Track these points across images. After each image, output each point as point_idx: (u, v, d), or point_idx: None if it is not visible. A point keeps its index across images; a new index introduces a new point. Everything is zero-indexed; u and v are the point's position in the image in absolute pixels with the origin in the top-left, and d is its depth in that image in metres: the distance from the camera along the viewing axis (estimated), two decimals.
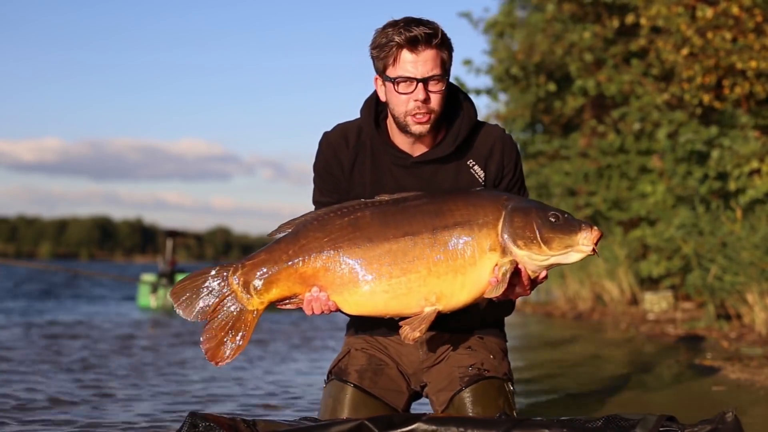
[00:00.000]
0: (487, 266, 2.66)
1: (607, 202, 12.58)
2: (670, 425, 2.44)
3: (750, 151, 8.55)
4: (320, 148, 2.97)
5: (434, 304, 2.68)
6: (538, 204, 2.72)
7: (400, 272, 2.66)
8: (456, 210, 2.69)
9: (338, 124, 3.00)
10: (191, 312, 2.72)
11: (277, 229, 2.77)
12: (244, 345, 2.73)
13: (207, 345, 2.72)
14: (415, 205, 2.72)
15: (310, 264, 2.70)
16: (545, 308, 14.53)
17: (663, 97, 10.15)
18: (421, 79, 2.74)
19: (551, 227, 2.65)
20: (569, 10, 12.50)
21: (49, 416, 4.32)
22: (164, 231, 18.79)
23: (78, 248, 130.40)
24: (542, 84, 13.19)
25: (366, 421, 2.50)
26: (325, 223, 2.72)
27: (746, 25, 8.66)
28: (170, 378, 6.00)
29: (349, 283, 2.68)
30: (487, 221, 2.67)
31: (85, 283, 29.12)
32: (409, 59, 2.74)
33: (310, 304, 2.72)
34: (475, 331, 2.99)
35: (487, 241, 2.66)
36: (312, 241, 2.70)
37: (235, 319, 2.72)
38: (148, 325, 11.92)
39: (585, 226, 2.67)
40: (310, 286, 2.71)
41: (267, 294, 2.72)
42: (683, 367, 6.25)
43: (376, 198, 2.78)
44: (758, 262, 7.76)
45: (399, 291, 2.67)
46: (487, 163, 2.92)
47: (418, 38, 2.71)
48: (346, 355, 3.01)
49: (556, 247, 2.64)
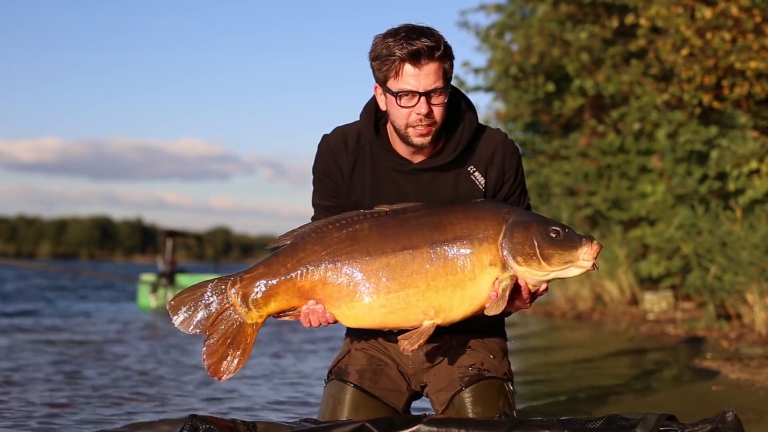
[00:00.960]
0: (486, 281, 2.65)
1: (607, 202, 12.58)
2: (671, 425, 2.44)
3: (749, 152, 8.55)
4: (319, 152, 2.95)
5: (433, 318, 2.67)
6: (538, 218, 2.71)
7: (399, 287, 2.65)
8: (456, 223, 2.68)
9: (337, 127, 2.97)
10: (189, 325, 2.70)
11: (276, 240, 2.76)
12: (246, 359, 2.72)
13: (209, 361, 2.70)
14: (414, 217, 2.70)
15: (308, 277, 2.68)
16: (545, 308, 14.53)
17: (662, 97, 10.16)
18: (423, 92, 2.71)
19: (551, 243, 2.64)
20: (567, 11, 12.50)
21: (49, 419, 4.32)
22: (164, 231, 18.78)
23: (78, 248, 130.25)
24: (540, 84, 13.19)
25: (367, 423, 2.51)
26: (323, 235, 2.71)
27: (745, 25, 8.67)
28: (170, 380, 6.00)
29: (346, 296, 2.67)
30: (487, 235, 2.66)
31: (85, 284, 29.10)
32: (411, 73, 2.70)
33: (308, 317, 2.71)
34: (475, 331, 2.98)
35: (487, 256, 2.65)
36: (310, 255, 2.69)
37: (235, 333, 2.71)
38: (147, 325, 11.91)
39: (585, 241, 2.65)
40: (308, 299, 2.70)
41: (266, 307, 2.71)
42: (683, 367, 6.25)
43: (375, 209, 2.76)
44: (758, 261, 7.76)
45: (397, 305, 2.66)
46: (488, 169, 2.90)
47: (420, 52, 2.67)
48: (346, 354, 3.01)
49: (556, 263, 2.64)
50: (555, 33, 12.48)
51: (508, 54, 13.29)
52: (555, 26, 12.52)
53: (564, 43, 12.41)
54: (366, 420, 2.54)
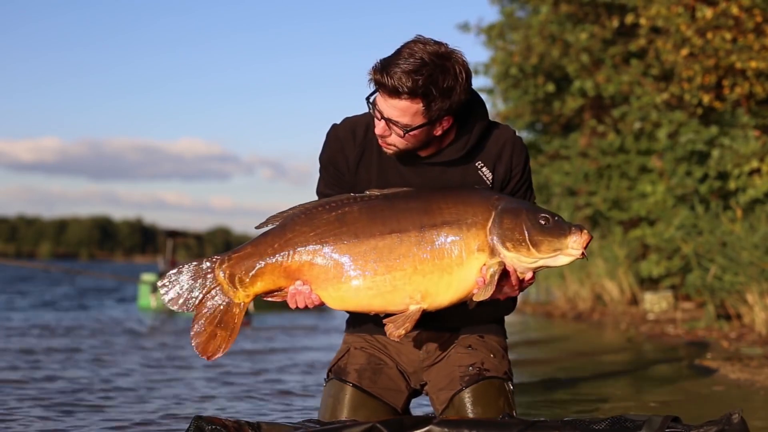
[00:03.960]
0: (474, 266, 2.65)
1: (607, 201, 12.59)
2: (676, 426, 2.44)
3: (750, 151, 8.56)
4: (327, 140, 2.95)
5: (419, 302, 2.67)
6: (528, 205, 2.72)
7: (385, 269, 2.66)
8: (445, 208, 2.68)
9: (347, 118, 2.97)
10: (177, 302, 2.74)
11: (265, 221, 2.77)
12: (234, 338, 2.74)
13: (197, 339, 2.73)
14: (404, 201, 2.71)
15: (296, 258, 2.70)
16: (545, 308, 14.53)
17: (663, 97, 10.16)
18: (384, 118, 2.74)
19: (541, 230, 2.64)
20: (567, 11, 12.51)
21: (50, 419, 4.32)
22: (164, 231, 18.79)
23: (78, 248, 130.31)
24: (540, 85, 13.20)
25: (378, 424, 2.51)
26: (312, 217, 2.72)
27: (746, 25, 8.67)
28: (174, 381, 6.00)
29: (333, 278, 2.68)
30: (476, 221, 2.66)
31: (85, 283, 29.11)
32: (380, 99, 2.73)
33: (294, 298, 2.72)
34: (475, 330, 2.98)
35: (476, 242, 2.65)
36: (298, 236, 2.70)
37: (222, 312, 2.73)
38: (148, 325, 11.91)
39: (575, 229, 2.65)
40: (295, 279, 2.71)
41: (252, 287, 2.73)
42: (683, 367, 6.26)
43: (366, 193, 2.77)
44: (758, 261, 7.76)
45: (383, 288, 2.66)
46: (496, 165, 2.90)
47: (388, 87, 2.67)
48: (345, 353, 3.01)
49: (545, 250, 2.64)
50: (555, 34, 12.49)
51: (508, 54, 13.30)
52: (555, 27, 12.53)
53: (564, 44, 12.42)
54: (377, 421, 2.54)
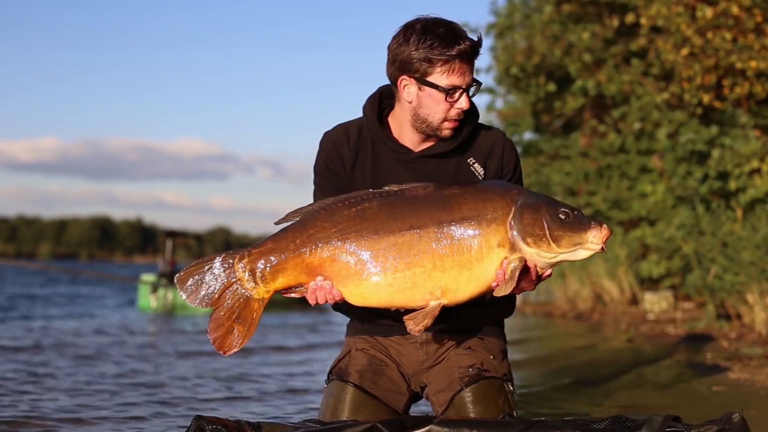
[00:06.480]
0: (494, 262, 2.64)
1: (607, 201, 12.59)
2: (676, 426, 2.43)
3: (750, 151, 8.56)
4: (321, 146, 2.97)
5: (439, 298, 2.66)
6: (548, 200, 2.70)
7: (405, 266, 2.65)
8: (464, 204, 2.67)
9: (338, 124, 3.00)
10: (196, 298, 2.71)
11: (285, 217, 2.76)
12: (251, 333, 2.72)
13: (215, 334, 2.71)
14: (423, 196, 2.71)
15: (317, 254, 2.68)
16: (545, 308, 14.54)
17: (663, 97, 10.16)
18: (465, 88, 2.79)
19: (561, 225, 2.62)
20: (568, 10, 12.51)
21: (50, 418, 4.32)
22: (164, 231, 18.80)
23: (78, 248, 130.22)
24: (542, 84, 13.20)
25: (378, 424, 2.51)
26: (332, 213, 2.71)
27: (746, 25, 8.67)
28: (175, 380, 6.00)
29: (354, 274, 2.67)
30: (495, 217, 2.65)
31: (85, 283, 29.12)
32: (458, 71, 2.76)
33: (315, 294, 2.70)
34: (475, 332, 2.99)
35: (496, 237, 2.64)
36: (319, 231, 2.69)
37: (241, 307, 2.71)
38: (149, 325, 11.92)
39: (595, 224, 2.64)
40: (315, 275, 2.70)
41: (273, 283, 2.71)
42: (683, 367, 6.25)
43: (384, 188, 2.76)
44: (758, 261, 7.76)
45: (404, 284, 2.66)
46: (487, 161, 2.93)
47: (468, 52, 2.75)
48: (346, 355, 3.01)
49: (565, 245, 2.62)
50: (557, 34, 12.49)
51: (509, 54, 13.30)
52: (557, 27, 12.52)
53: (566, 44, 12.41)
54: (377, 420, 2.54)
